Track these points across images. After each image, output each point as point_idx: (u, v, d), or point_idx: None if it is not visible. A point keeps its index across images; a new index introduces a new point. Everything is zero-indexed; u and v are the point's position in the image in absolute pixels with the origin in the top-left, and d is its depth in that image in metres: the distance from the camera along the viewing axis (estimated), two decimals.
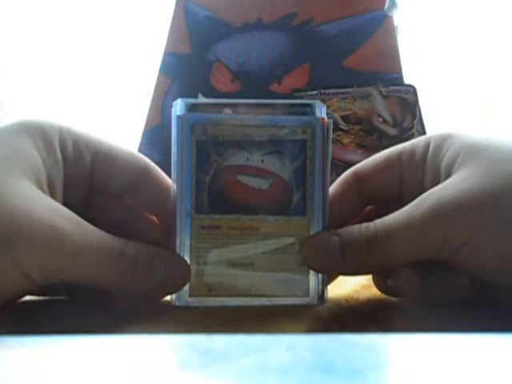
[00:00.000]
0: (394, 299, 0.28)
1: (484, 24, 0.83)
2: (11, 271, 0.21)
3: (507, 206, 0.23)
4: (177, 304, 0.25)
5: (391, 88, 0.60)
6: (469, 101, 0.80)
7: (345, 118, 0.57)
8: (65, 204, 0.24)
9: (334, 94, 0.59)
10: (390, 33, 0.68)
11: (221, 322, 0.24)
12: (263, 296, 0.26)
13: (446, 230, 0.23)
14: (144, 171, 0.27)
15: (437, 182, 0.26)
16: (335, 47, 0.68)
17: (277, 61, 0.68)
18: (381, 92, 0.59)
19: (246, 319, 0.25)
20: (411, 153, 0.28)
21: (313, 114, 0.27)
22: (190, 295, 0.25)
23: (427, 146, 0.28)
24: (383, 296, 0.29)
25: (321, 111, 0.27)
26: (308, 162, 0.26)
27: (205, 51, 0.69)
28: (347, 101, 0.59)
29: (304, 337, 0.16)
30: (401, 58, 0.67)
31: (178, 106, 0.26)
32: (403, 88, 0.60)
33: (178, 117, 0.26)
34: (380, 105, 0.58)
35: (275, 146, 0.26)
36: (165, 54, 0.67)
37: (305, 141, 0.26)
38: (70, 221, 0.23)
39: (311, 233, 0.26)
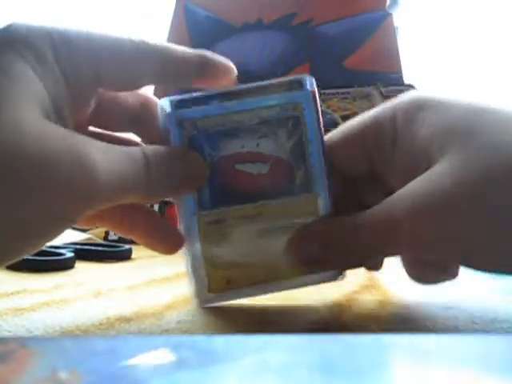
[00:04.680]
0: (393, 299, 0.28)
1: (484, 24, 0.83)
2: (49, 218, 0.20)
3: (486, 207, 0.21)
4: (200, 305, 0.25)
5: (391, 88, 0.60)
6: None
7: (345, 118, 0.57)
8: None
9: (333, 93, 0.59)
10: (390, 33, 0.68)
11: (221, 322, 0.24)
12: (281, 279, 0.25)
13: (428, 231, 0.22)
14: (166, 65, 0.25)
15: (413, 167, 0.23)
16: (335, 47, 0.68)
17: (277, 61, 0.68)
18: (381, 92, 0.59)
19: (246, 319, 0.25)
20: (376, 128, 0.25)
21: (302, 88, 0.25)
22: (209, 291, 0.25)
23: (393, 119, 0.25)
24: (383, 296, 0.29)
25: (311, 84, 0.25)
26: (304, 137, 0.25)
27: None
28: (347, 101, 0.59)
29: (304, 337, 0.16)
30: (401, 58, 0.67)
31: (164, 105, 0.25)
32: (403, 88, 0.60)
33: (166, 115, 0.25)
34: (380, 105, 0.58)
35: (268, 128, 0.25)
36: None
37: (297, 117, 0.25)
38: (95, 151, 0.21)
39: (320, 208, 0.25)
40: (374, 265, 0.28)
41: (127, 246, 0.49)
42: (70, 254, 0.41)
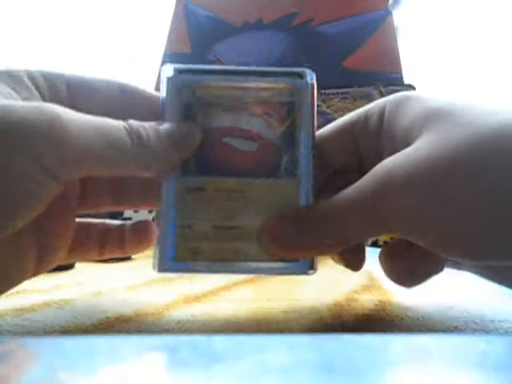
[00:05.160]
0: (393, 300, 0.28)
1: (484, 23, 0.83)
2: (28, 167, 0.20)
3: (459, 177, 0.20)
4: (159, 271, 0.24)
5: (391, 88, 0.60)
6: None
7: None
8: None
9: (333, 93, 0.59)
10: (390, 33, 0.68)
11: (221, 322, 0.24)
12: (251, 260, 0.25)
13: (396, 206, 0.21)
14: (122, 90, 0.26)
15: (394, 152, 0.23)
16: (335, 47, 0.68)
17: (277, 61, 0.68)
18: (381, 92, 0.59)
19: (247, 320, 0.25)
20: (365, 121, 0.26)
21: (302, 79, 0.26)
22: (174, 260, 0.24)
23: (382, 111, 0.26)
24: (383, 296, 0.29)
25: (311, 77, 0.26)
26: (296, 124, 0.26)
27: (205, 51, 0.69)
28: (347, 101, 0.59)
29: (304, 337, 0.16)
30: (401, 57, 0.67)
31: (167, 70, 0.26)
32: (403, 88, 0.60)
33: (167, 79, 0.26)
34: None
35: (263, 108, 0.26)
36: (165, 54, 0.67)
37: (293, 103, 0.26)
38: (61, 108, 0.21)
39: (300, 194, 0.25)
40: (353, 262, 0.27)
41: None
42: None
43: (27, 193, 0.20)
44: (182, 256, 0.24)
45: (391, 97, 0.26)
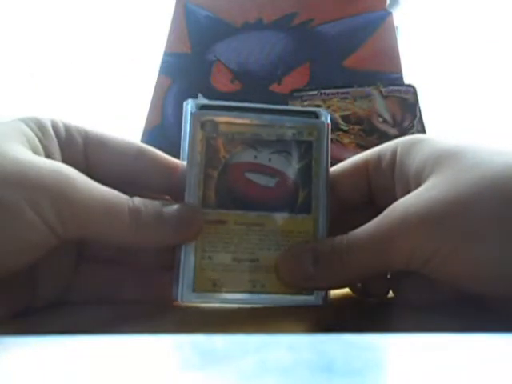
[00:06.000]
0: (393, 299, 0.28)
1: (484, 23, 0.83)
2: (28, 218, 0.21)
3: (472, 215, 0.22)
4: (180, 301, 0.25)
5: (391, 88, 0.60)
6: (469, 101, 0.80)
7: (345, 118, 0.57)
8: None
9: (333, 93, 0.59)
10: (390, 33, 0.68)
11: (221, 322, 0.24)
12: (268, 292, 0.26)
13: (412, 242, 0.23)
14: (139, 153, 0.27)
15: (407, 191, 0.25)
16: (335, 47, 0.68)
17: (277, 61, 0.68)
18: (381, 92, 0.59)
19: (246, 319, 0.25)
20: (378, 160, 0.28)
21: (318, 118, 0.28)
22: (194, 290, 0.25)
23: (394, 152, 0.27)
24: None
25: (326, 117, 0.28)
26: (314, 162, 0.27)
27: (205, 51, 0.69)
28: (347, 101, 0.59)
29: (304, 337, 0.16)
30: (401, 57, 0.67)
31: (190, 105, 0.27)
32: (403, 88, 0.60)
33: (191, 113, 0.26)
34: (380, 105, 0.58)
35: (282, 146, 0.27)
36: (165, 54, 0.67)
37: (311, 142, 0.27)
38: (75, 171, 0.23)
39: (317, 230, 0.26)
40: (378, 290, 0.28)
41: None
42: None
43: (24, 237, 0.21)
44: (201, 287, 0.25)
45: (403, 138, 0.27)
